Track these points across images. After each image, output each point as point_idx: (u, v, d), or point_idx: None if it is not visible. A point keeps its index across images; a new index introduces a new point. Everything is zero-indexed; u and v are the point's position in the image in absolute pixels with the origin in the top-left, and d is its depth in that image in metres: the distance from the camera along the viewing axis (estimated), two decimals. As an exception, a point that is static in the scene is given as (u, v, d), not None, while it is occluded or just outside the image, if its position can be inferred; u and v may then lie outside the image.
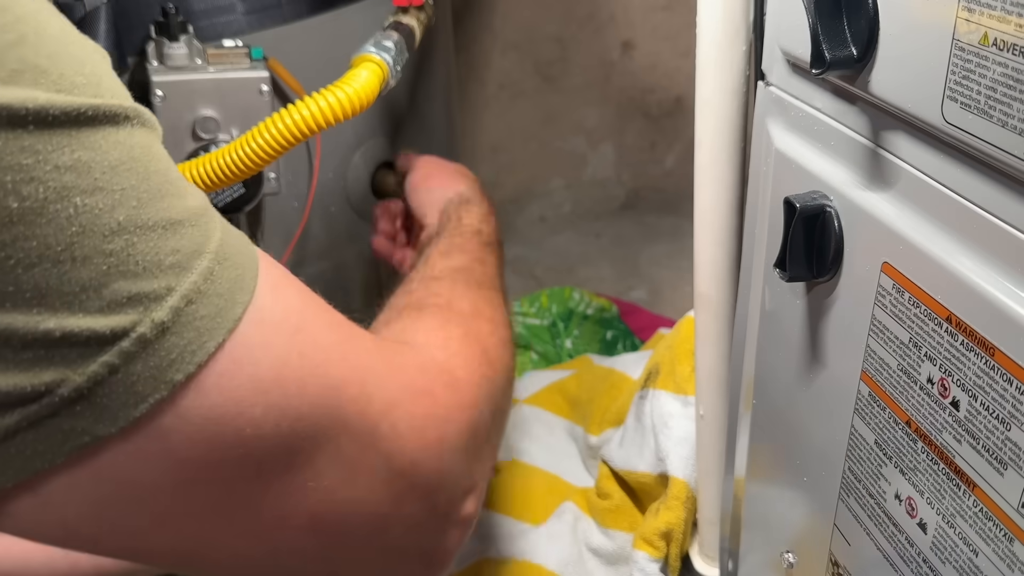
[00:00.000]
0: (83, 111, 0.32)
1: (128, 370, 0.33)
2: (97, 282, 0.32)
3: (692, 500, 0.82)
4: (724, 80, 0.59)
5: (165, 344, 0.34)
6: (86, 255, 0.32)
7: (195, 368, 0.35)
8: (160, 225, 0.34)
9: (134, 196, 0.33)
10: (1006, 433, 0.39)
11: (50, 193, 0.31)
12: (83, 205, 0.31)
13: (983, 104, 0.36)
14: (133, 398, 0.33)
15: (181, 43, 0.77)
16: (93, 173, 0.32)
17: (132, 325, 0.33)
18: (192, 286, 0.35)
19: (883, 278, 0.46)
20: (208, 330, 0.35)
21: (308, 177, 0.90)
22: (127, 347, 0.33)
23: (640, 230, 1.74)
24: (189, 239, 0.35)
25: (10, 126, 0.30)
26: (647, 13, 1.69)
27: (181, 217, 0.35)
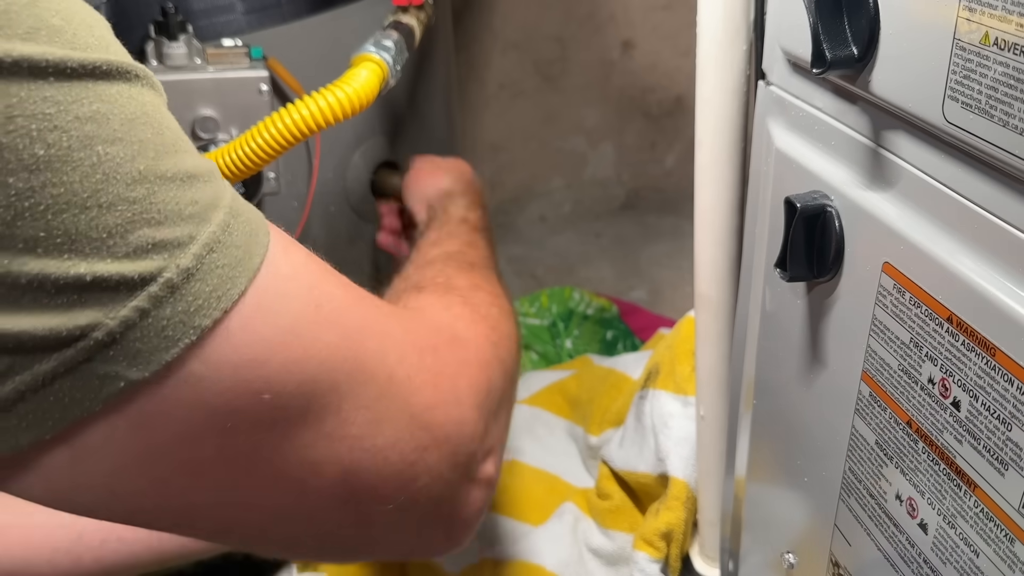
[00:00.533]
0: (98, 65, 0.33)
1: (158, 314, 0.34)
2: (123, 228, 0.33)
3: (692, 500, 0.82)
4: (724, 79, 0.59)
5: (191, 289, 0.35)
6: (111, 201, 0.32)
7: (220, 314, 0.36)
8: (178, 177, 0.35)
9: (151, 148, 0.34)
10: (1007, 433, 0.39)
11: (73, 141, 0.31)
12: (105, 154, 0.32)
13: (984, 104, 0.36)
14: (164, 342, 0.34)
15: (180, 42, 0.77)
16: (112, 124, 0.33)
17: (159, 270, 0.34)
18: (211, 235, 0.36)
19: (884, 278, 0.45)
20: (230, 278, 0.36)
21: (307, 177, 0.90)
22: (155, 291, 0.34)
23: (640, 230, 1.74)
24: (205, 192, 0.36)
25: (31, 77, 0.31)
26: (647, 12, 1.69)
27: (195, 172, 0.36)
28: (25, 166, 0.30)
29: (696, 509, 0.82)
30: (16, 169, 0.30)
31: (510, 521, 0.96)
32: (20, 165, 0.30)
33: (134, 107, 0.34)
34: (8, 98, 0.30)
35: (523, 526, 0.94)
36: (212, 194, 0.37)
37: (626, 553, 0.87)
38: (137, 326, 0.33)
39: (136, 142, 0.34)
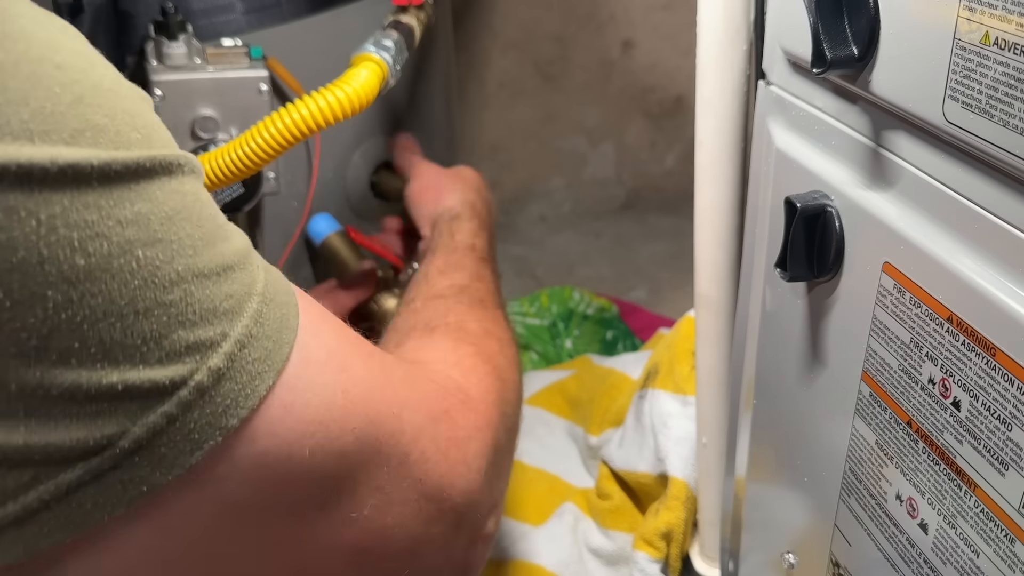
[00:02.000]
0: (142, 164, 0.33)
1: (186, 418, 0.33)
2: (158, 333, 0.32)
3: (692, 500, 0.82)
4: (725, 79, 0.59)
5: (221, 390, 0.34)
6: (148, 307, 0.32)
7: (248, 412, 0.35)
8: (215, 272, 0.35)
9: (190, 244, 0.34)
10: (1007, 433, 0.39)
11: (114, 248, 0.31)
12: (144, 258, 0.32)
13: (984, 104, 0.36)
14: (189, 445, 0.34)
15: (180, 42, 0.77)
16: (152, 224, 0.33)
17: (190, 374, 0.33)
18: (244, 330, 0.35)
19: (884, 278, 0.46)
20: (259, 373, 0.36)
21: (307, 176, 0.90)
22: (185, 396, 0.33)
23: (640, 230, 1.74)
24: (239, 282, 0.36)
25: (75, 184, 0.30)
26: (647, 12, 1.69)
27: (231, 261, 0.36)
28: (65, 278, 0.30)
29: (696, 509, 0.82)
30: (56, 281, 0.30)
31: (510, 521, 0.96)
32: (60, 277, 0.30)
33: (175, 202, 0.34)
34: (51, 207, 0.30)
35: (523, 526, 0.94)
36: (247, 283, 0.36)
37: (626, 553, 0.87)
38: (164, 431, 0.33)
39: (175, 240, 0.33)
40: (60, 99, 0.31)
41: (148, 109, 0.36)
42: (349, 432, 0.40)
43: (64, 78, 0.31)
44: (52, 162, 0.29)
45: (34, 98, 0.30)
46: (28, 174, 0.29)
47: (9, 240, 0.29)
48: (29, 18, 0.32)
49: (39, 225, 0.29)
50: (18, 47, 0.30)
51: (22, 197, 0.29)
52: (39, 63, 0.31)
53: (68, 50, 0.32)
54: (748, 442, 0.66)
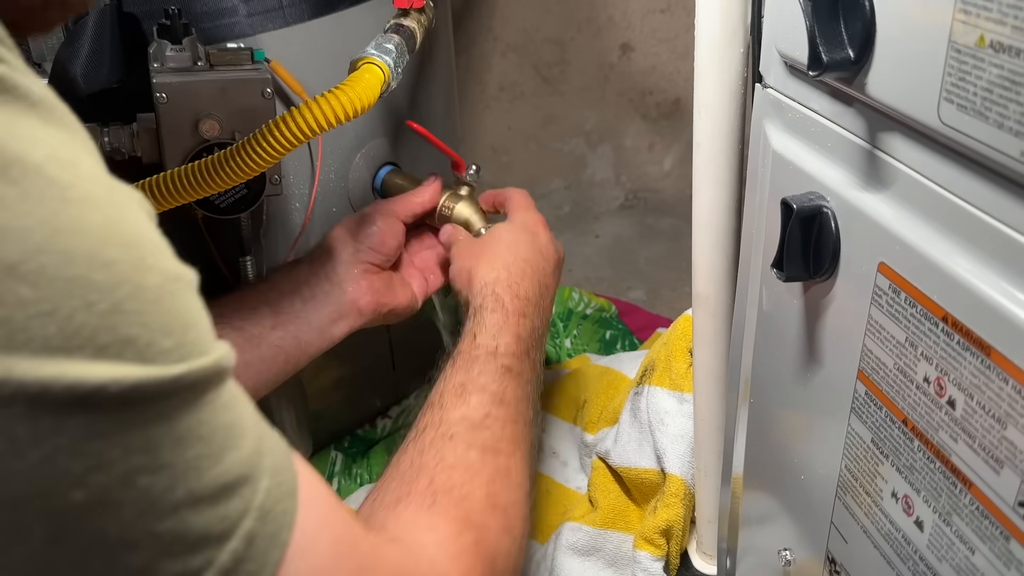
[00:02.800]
0: (165, 386, 0.31)
1: None
2: (144, 565, 0.31)
3: (690, 497, 0.82)
4: (722, 82, 0.59)
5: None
6: (137, 540, 0.30)
7: None
8: (215, 492, 0.33)
9: (195, 466, 0.32)
10: (1002, 432, 0.39)
11: (115, 479, 0.29)
12: (145, 487, 0.30)
13: (979, 106, 0.36)
14: None
15: (184, 45, 0.77)
16: (162, 450, 0.31)
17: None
18: (231, 554, 0.33)
19: (880, 278, 0.46)
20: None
21: (310, 178, 0.91)
22: None
23: (639, 231, 1.74)
24: (240, 498, 0.34)
25: (89, 411, 0.28)
26: (646, 16, 1.69)
27: (235, 476, 0.34)
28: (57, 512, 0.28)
29: (693, 506, 0.82)
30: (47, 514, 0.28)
31: None
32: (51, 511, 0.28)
33: (191, 420, 0.32)
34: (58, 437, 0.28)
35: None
36: (246, 497, 0.34)
37: (625, 553, 0.87)
38: None
39: (180, 464, 0.31)
40: (96, 307, 0.29)
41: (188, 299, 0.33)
42: None
43: (107, 280, 0.29)
44: (68, 390, 0.28)
45: (67, 307, 0.28)
46: (40, 401, 0.27)
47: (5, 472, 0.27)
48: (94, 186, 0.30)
49: (41, 459, 0.28)
50: (69, 243, 0.28)
51: (30, 426, 0.27)
52: (86, 264, 0.29)
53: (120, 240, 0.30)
54: (745, 440, 0.66)
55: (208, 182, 0.69)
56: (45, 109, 0.30)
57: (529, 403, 0.69)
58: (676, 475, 0.83)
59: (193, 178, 0.69)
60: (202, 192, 0.70)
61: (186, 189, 0.69)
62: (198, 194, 0.70)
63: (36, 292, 0.27)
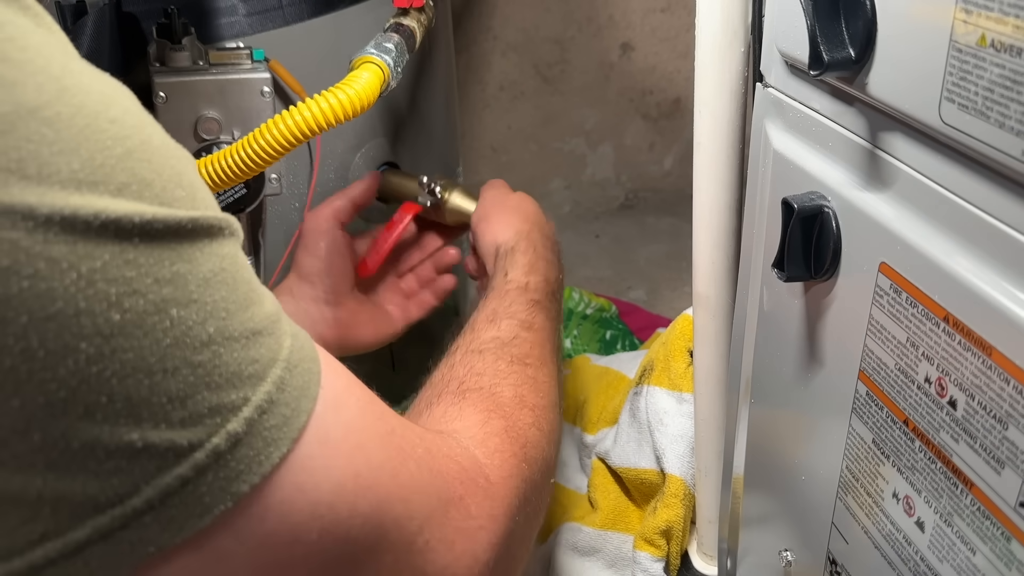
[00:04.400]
0: (183, 224, 0.33)
1: (199, 481, 0.33)
2: (183, 393, 0.32)
3: (690, 497, 0.82)
4: (723, 81, 0.59)
5: (236, 455, 0.34)
6: (176, 367, 0.32)
7: (259, 479, 0.35)
8: (244, 335, 0.35)
9: (224, 307, 0.34)
10: (1003, 432, 0.39)
11: (149, 306, 0.31)
12: (178, 318, 0.32)
13: (980, 105, 0.36)
14: (199, 509, 0.33)
15: (183, 45, 0.77)
16: (189, 286, 0.33)
17: (208, 436, 0.33)
18: (266, 395, 0.35)
19: (881, 278, 0.46)
20: (274, 440, 0.35)
21: (309, 178, 0.91)
22: (201, 459, 0.33)
23: (639, 230, 1.74)
24: (267, 347, 0.36)
25: (117, 239, 0.30)
26: (646, 15, 1.69)
27: (261, 326, 0.36)
28: (99, 332, 0.30)
29: (693, 506, 0.82)
30: (90, 334, 0.30)
31: None
32: (94, 331, 0.30)
33: (212, 264, 0.34)
34: (93, 261, 0.30)
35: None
36: (273, 348, 0.36)
37: (625, 553, 0.87)
38: (177, 493, 0.33)
39: (210, 302, 0.33)
40: (111, 151, 0.31)
41: (193, 170, 0.36)
42: (358, 516, 0.39)
43: (117, 132, 0.32)
44: (96, 216, 0.30)
45: (86, 148, 0.30)
46: (72, 226, 0.29)
47: (49, 290, 0.29)
48: (88, 75, 0.32)
49: (79, 278, 0.29)
50: (76, 100, 0.31)
51: (66, 249, 0.29)
52: (94, 116, 0.31)
53: (121, 107, 0.33)
54: (745, 441, 0.66)
55: (207, 182, 0.69)
56: (35, 14, 0.32)
57: (556, 336, 0.72)
58: (676, 475, 0.83)
59: (192, 178, 0.69)
60: (201, 192, 0.69)
61: (185, 189, 0.69)
62: (197, 194, 0.70)
63: (57, 134, 0.30)
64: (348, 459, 0.39)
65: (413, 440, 0.46)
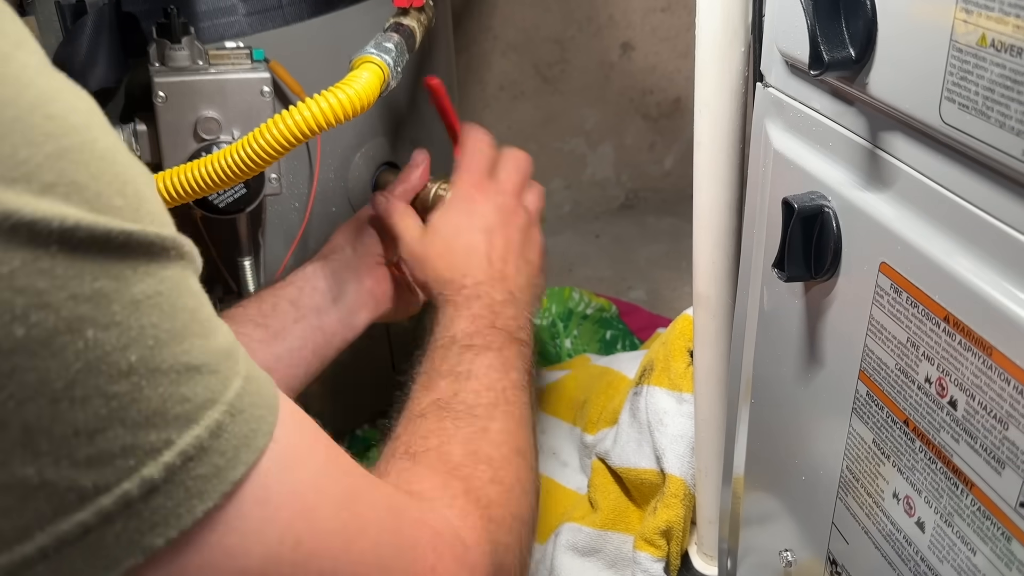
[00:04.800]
0: (114, 236, 0.29)
1: (103, 531, 0.30)
2: (92, 427, 0.29)
3: (690, 497, 0.82)
4: (723, 81, 0.59)
5: (150, 504, 0.30)
6: (87, 395, 0.29)
7: (177, 534, 0.31)
8: (174, 370, 0.31)
9: (152, 335, 0.30)
10: (1004, 432, 0.39)
11: (61, 323, 0.28)
12: (94, 340, 0.29)
13: (981, 105, 0.36)
14: (104, 562, 0.30)
15: (183, 44, 0.77)
16: (112, 306, 0.29)
17: (117, 480, 0.30)
18: (194, 440, 0.31)
19: (881, 278, 0.46)
20: (200, 492, 0.32)
21: (309, 178, 0.91)
22: (107, 505, 0.30)
23: (639, 230, 1.74)
24: (204, 387, 0.32)
25: (31, 244, 0.27)
26: (646, 14, 1.69)
27: (200, 362, 0.32)
28: (1, 351, 0.27)
29: (694, 506, 0.82)
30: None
31: None
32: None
33: (145, 286, 0.30)
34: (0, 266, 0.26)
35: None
36: (213, 388, 0.33)
37: (625, 554, 0.87)
38: (76, 543, 0.29)
39: (135, 328, 0.30)
40: (40, 148, 0.28)
41: (147, 184, 0.32)
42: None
43: (52, 129, 0.28)
44: (7, 215, 0.26)
45: (13, 141, 0.27)
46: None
47: None
48: (33, 68, 0.29)
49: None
50: (8, 91, 0.28)
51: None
52: (28, 110, 0.28)
53: (67, 106, 0.30)
54: (746, 441, 0.66)
55: (207, 182, 0.69)
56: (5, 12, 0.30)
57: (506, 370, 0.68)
58: (676, 475, 0.83)
59: (192, 178, 0.69)
60: (201, 192, 0.69)
61: (184, 189, 0.69)
62: (197, 194, 0.70)
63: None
64: (288, 524, 0.35)
65: (379, 504, 0.42)
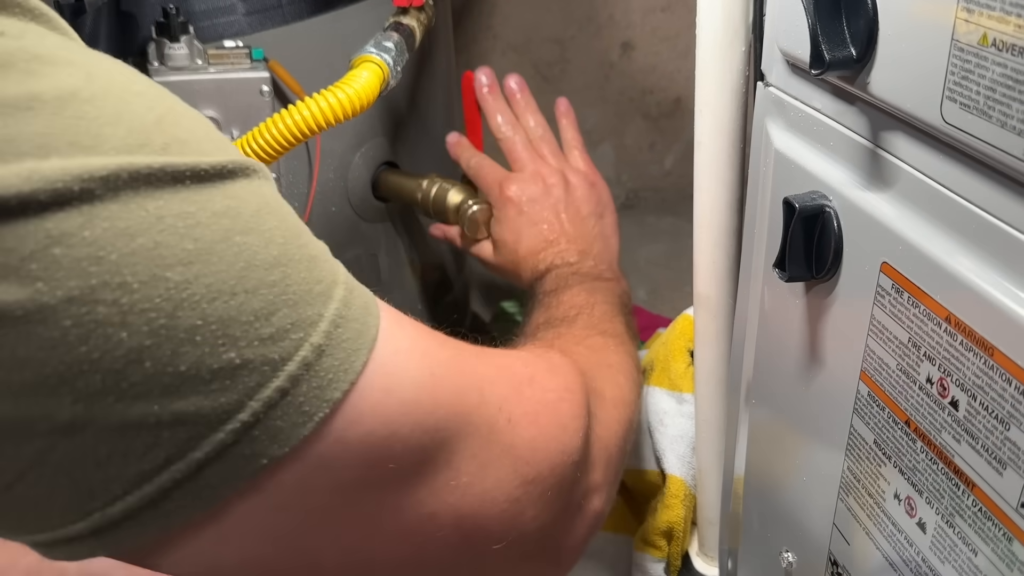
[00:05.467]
0: (224, 166, 0.36)
1: (296, 392, 0.36)
2: (266, 311, 0.35)
3: (691, 498, 0.82)
4: (723, 81, 0.59)
5: (323, 364, 0.37)
6: (255, 287, 0.35)
7: (348, 386, 0.38)
8: (305, 258, 0.38)
9: (280, 234, 0.37)
10: (1005, 433, 0.39)
11: (215, 235, 0.34)
12: (243, 243, 0.35)
13: (982, 104, 0.36)
14: (302, 418, 0.36)
15: (182, 44, 0.77)
16: (243, 216, 0.36)
17: (295, 349, 0.36)
18: (336, 311, 0.38)
19: (882, 278, 0.46)
20: (354, 350, 0.39)
21: (308, 177, 0.90)
22: (294, 370, 0.36)
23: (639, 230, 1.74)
24: (327, 271, 0.39)
25: (173, 183, 0.34)
26: (646, 14, 1.69)
27: (316, 252, 0.39)
28: (179, 260, 0.33)
29: (694, 507, 0.82)
30: (173, 263, 0.33)
31: None
32: (176, 259, 0.33)
33: (257, 200, 0.37)
34: (157, 202, 0.33)
35: None
36: (331, 271, 0.39)
37: (625, 554, 0.87)
38: (278, 405, 0.35)
39: (265, 230, 0.36)
40: (146, 119, 0.34)
41: (214, 128, 0.39)
42: (441, 407, 0.43)
43: (145, 103, 0.35)
44: (148, 165, 0.33)
45: (127, 118, 0.34)
46: (135, 177, 0.33)
47: (127, 228, 0.32)
48: (101, 59, 0.36)
49: (148, 215, 0.33)
50: (103, 81, 0.34)
51: (133, 194, 0.32)
52: (123, 91, 0.34)
53: (142, 82, 0.36)
54: (746, 441, 0.66)
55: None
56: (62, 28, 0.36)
57: (613, 316, 0.77)
58: (676, 476, 0.83)
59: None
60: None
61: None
62: (196, 193, 0.69)
63: (98, 111, 0.33)
64: (420, 361, 0.42)
65: (468, 347, 0.49)
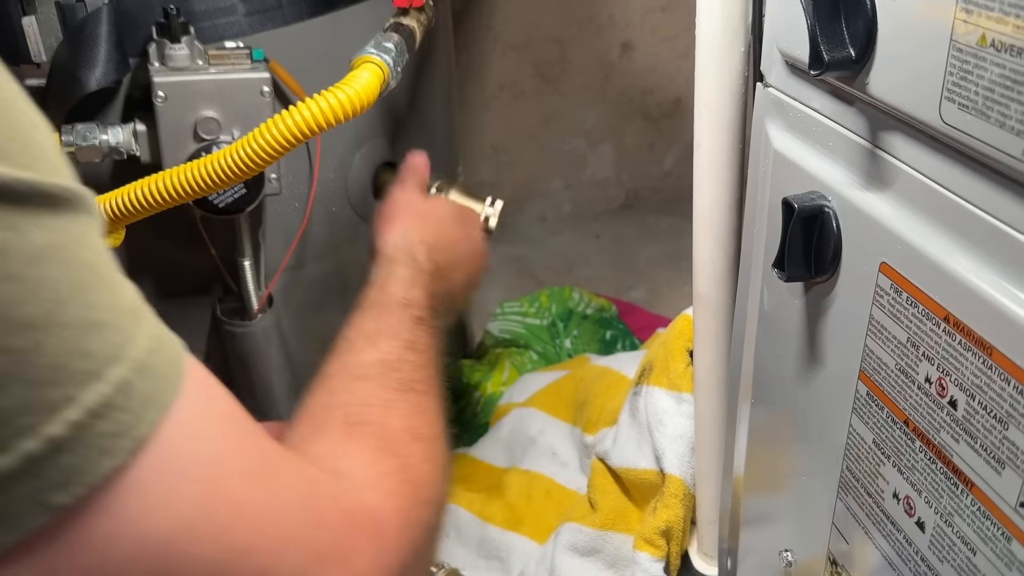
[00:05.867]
0: (11, 186, 0.28)
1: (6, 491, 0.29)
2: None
3: (690, 497, 0.82)
4: (723, 81, 0.59)
5: (55, 462, 0.30)
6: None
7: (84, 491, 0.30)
8: (75, 324, 0.30)
9: (52, 288, 0.29)
10: (1004, 432, 0.39)
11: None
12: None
13: (981, 105, 0.36)
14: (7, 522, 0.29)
15: (183, 44, 0.77)
16: (11, 258, 0.28)
17: (18, 439, 0.29)
18: (100, 397, 0.30)
19: (881, 278, 0.46)
20: (107, 449, 0.31)
21: (309, 178, 0.90)
22: (8, 464, 0.29)
23: (639, 230, 1.74)
24: (107, 342, 0.31)
25: None
26: (646, 14, 1.69)
27: (102, 318, 0.31)
28: None
29: (694, 506, 0.82)
30: None
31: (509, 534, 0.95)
32: None
33: (45, 238, 0.29)
34: None
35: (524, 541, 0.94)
36: (116, 345, 0.31)
37: (624, 554, 0.87)
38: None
39: (33, 280, 0.29)
40: None
41: (48, 136, 0.31)
42: (202, 564, 0.34)
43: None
44: None
45: None
46: None
47: None
48: None
49: None
50: None
51: None
52: None
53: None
54: (746, 441, 0.66)
55: (207, 182, 0.69)
56: None
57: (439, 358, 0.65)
58: (675, 475, 0.83)
59: (192, 178, 0.69)
60: (201, 192, 0.69)
61: (184, 189, 0.69)
62: (197, 194, 0.70)
63: None
64: (195, 492, 0.34)
65: (296, 482, 0.40)
